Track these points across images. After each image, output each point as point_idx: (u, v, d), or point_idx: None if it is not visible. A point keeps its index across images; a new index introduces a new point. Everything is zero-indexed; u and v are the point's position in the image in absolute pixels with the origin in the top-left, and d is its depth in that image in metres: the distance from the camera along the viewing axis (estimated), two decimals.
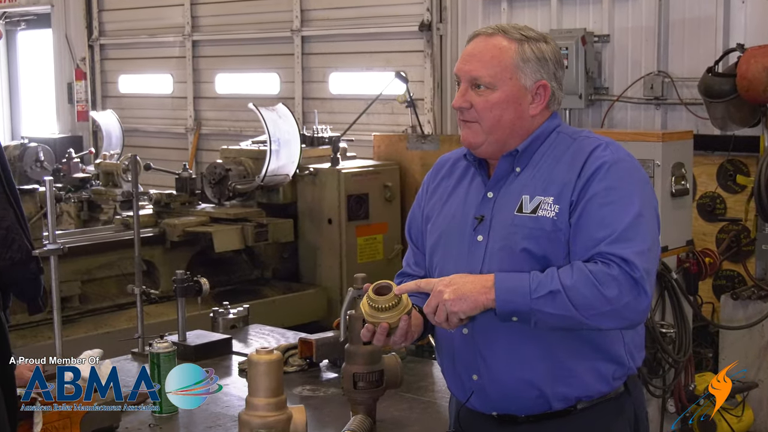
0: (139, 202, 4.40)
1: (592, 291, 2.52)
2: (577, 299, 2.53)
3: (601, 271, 2.54)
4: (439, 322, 2.62)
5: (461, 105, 2.78)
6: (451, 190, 2.91)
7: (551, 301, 2.54)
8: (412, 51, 9.44)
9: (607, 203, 2.62)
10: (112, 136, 10.39)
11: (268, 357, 2.97)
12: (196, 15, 11.49)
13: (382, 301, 2.65)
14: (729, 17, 7.38)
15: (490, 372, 2.75)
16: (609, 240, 2.58)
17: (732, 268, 7.25)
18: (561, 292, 2.53)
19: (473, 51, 2.78)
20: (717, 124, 6.95)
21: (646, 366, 5.59)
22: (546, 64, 2.77)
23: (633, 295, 2.54)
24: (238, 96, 10.93)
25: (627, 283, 2.53)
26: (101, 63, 12.73)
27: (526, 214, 2.69)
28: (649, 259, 2.59)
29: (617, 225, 2.59)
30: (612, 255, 2.56)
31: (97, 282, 7.34)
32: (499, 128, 2.76)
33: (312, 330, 4.54)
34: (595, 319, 2.54)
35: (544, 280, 2.56)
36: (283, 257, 8.34)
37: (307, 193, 8.23)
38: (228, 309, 4.69)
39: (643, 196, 2.66)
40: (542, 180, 2.72)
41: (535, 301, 2.55)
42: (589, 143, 2.74)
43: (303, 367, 4.01)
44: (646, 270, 2.56)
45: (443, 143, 8.48)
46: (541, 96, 2.78)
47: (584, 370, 2.71)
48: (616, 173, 2.65)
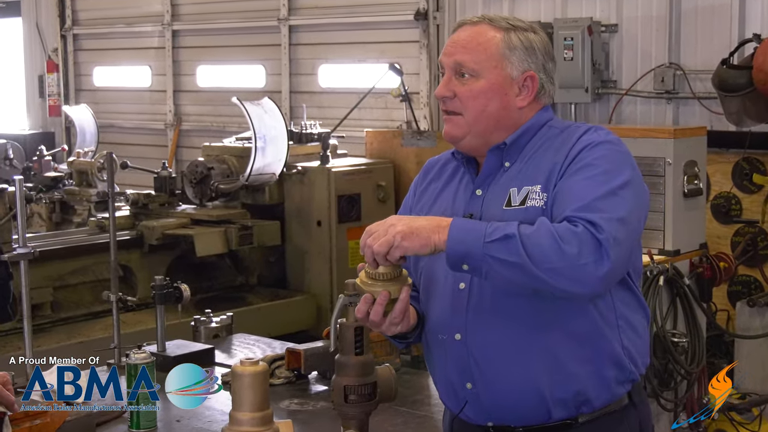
0: (115, 203, 4.40)
1: (550, 243, 2.51)
2: (532, 248, 2.51)
3: (565, 227, 2.55)
4: (378, 252, 2.60)
5: (444, 94, 2.81)
6: (440, 191, 2.94)
7: (504, 245, 2.53)
8: (407, 41, 9.45)
9: (585, 178, 2.64)
10: (87, 133, 10.39)
11: (253, 369, 2.97)
12: (176, 3, 11.50)
13: (382, 272, 2.65)
14: (745, 5, 7.40)
15: (485, 378, 2.76)
16: (579, 206, 2.59)
17: (748, 273, 7.27)
18: (516, 237, 2.53)
19: (457, 39, 2.82)
20: (732, 120, 6.96)
21: (657, 377, 5.60)
22: (534, 54, 2.80)
23: (594, 257, 2.52)
24: (221, 89, 10.92)
25: (589, 243, 2.52)
26: (75, 54, 12.72)
27: (515, 207, 2.71)
28: (619, 229, 2.57)
29: (590, 195, 2.60)
30: (579, 218, 2.56)
31: (71, 288, 7.34)
32: (482, 119, 2.79)
33: (300, 340, 4.54)
34: (549, 274, 2.52)
35: (502, 226, 2.57)
36: (270, 262, 8.34)
37: (295, 193, 8.24)
38: (210, 317, 4.70)
39: (627, 178, 2.66)
40: (530, 170, 2.75)
41: (488, 246, 2.54)
42: (578, 129, 2.79)
43: (290, 379, 4.01)
44: (613, 236, 2.54)
45: (440, 140, 8.48)
46: (529, 88, 2.81)
47: (584, 374, 2.72)
48: (598, 152, 2.68)
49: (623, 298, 2.76)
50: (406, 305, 2.69)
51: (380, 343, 3.95)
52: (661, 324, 5.57)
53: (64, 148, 10.92)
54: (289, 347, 4.07)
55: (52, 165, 9.72)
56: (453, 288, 2.78)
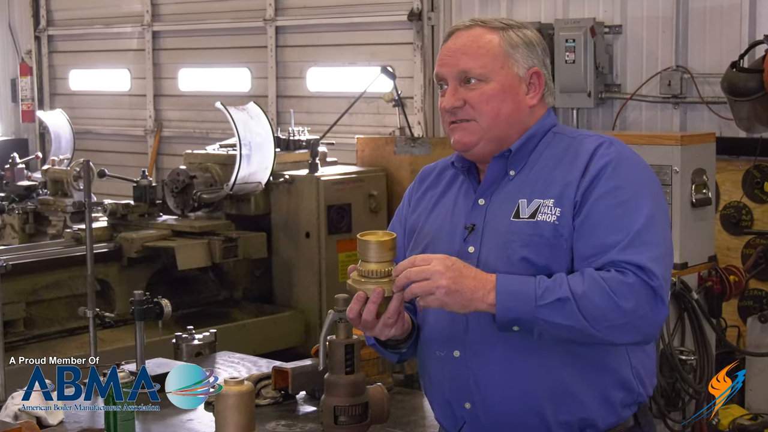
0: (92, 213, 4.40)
1: (607, 301, 2.55)
2: (589, 310, 2.55)
3: (616, 279, 2.57)
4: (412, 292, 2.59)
5: (454, 104, 2.80)
6: (437, 199, 2.93)
7: (559, 310, 2.56)
8: (401, 43, 9.46)
9: (616, 204, 2.65)
10: (62, 139, 10.37)
11: (237, 388, 2.96)
12: (157, 2, 11.50)
13: (375, 269, 2.65)
14: (756, 5, 7.42)
15: (484, 398, 2.75)
16: (621, 246, 2.61)
17: (760, 287, 7.28)
18: (570, 300, 2.56)
19: (454, 46, 2.82)
20: (742, 126, 6.98)
21: (664, 397, 5.60)
22: (534, 50, 2.84)
23: (650, 306, 2.57)
24: (204, 94, 10.93)
25: (644, 293, 2.57)
26: (49, 56, 12.71)
27: (524, 220, 2.71)
28: (666, 265, 2.64)
29: (629, 228, 2.62)
30: (626, 263, 2.59)
31: (45, 304, 7.32)
32: (498, 123, 2.79)
33: (287, 358, 4.53)
34: (608, 332, 2.57)
35: (552, 286, 2.58)
36: (255, 276, 8.33)
37: (282, 203, 8.23)
38: (193, 334, 4.69)
39: (653, 196, 2.71)
40: (541, 182, 2.75)
41: (541, 309, 2.56)
42: (591, 141, 2.78)
43: (277, 399, 4.00)
44: (663, 277, 2.60)
45: (435, 147, 8.50)
46: (536, 85, 2.83)
47: (589, 396, 2.72)
48: (623, 171, 2.69)
49: None
50: (400, 304, 2.68)
51: (372, 361, 3.95)
52: (668, 341, 5.58)
53: (38, 155, 10.92)
54: (275, 366, 4.06)
55: (26, 173, 9.71)
56: None
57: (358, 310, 2.67)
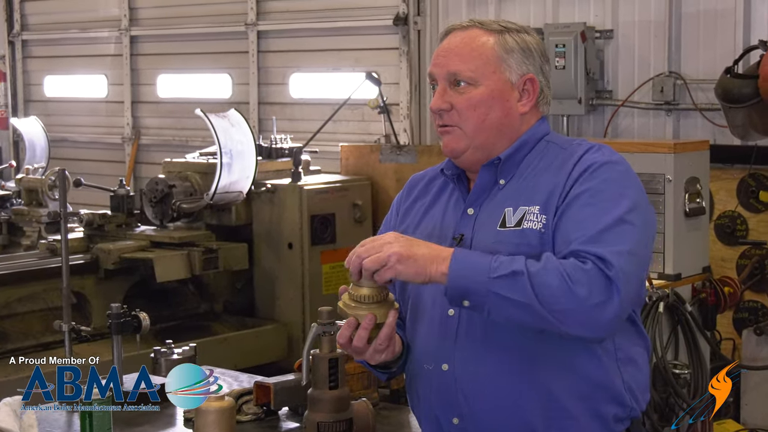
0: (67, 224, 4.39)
1: (560, 282, 2.54)
2: (541, 288, 2.54)
3: (573, 264, 2.56)
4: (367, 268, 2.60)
5: (440, 106, 2.81)
6: (426, 208, 2.94)
7: (511, 283, 2.55)
8: (386, 48, 9.47)
9: (588, 204, 2.66)
10: (37, 147, 10.34)
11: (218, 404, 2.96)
12: (135, 6, 11.49)
13: (368, 294, 2.65)
14: (750, 10, 7.45)
15: (473, 413, 2.76)
16: (584, 238, 2.61)
17: (755, 298, 7.30)
18: (524, 274, 2.55)
19: (449, 46, 2.83)
20: (737, 133, 7.00)
21: (657, 412, 5.61)
22: (531, 56, 2.83)
23: (605, 296, 2.55)
24: (183, 100, 10.91)
25: (599, 281, 2.55)
26: (24, 62, 12.69)
27: (510, 229, 2.72)
28: (629, 262, 2.60)
29: (595, 227, 2.62)
30: (587, 252, 2.59)
31: (19, 317, 7.30)
32: (484, 130, 2.79)
33: (270, 372, 4.53)
34: (558, 316, 2.55)
35: (508, 261, 2.58)
36: (236, 288, 8.33)
37: (264, 213, 8.23)
38: (172, 348, 4.67)
39: (633, 202, 2.69)
40: (527, 189, 2.76)
41: (493, 282, 2.56)
42: (581, 148, 2.80)
43: (259, 415, 4.00)
44: (623, 271, 2.57)
45: (421, 155, 8.51)
46: (530, 92, 2.83)
47: (581, 411, 2.73)
48: (602, 174, 2.70)
49: (622, 327, 2.76)
50: (392, 331, 2.69)
51: (356, 375, 3.94)
52: (661, 354, 5.59)
53: (12, 164, 10.88)
54: (257, 381, 4.06)
55: None
56: (441, 314, 2.78)
57: (349, 335, 2.69)
